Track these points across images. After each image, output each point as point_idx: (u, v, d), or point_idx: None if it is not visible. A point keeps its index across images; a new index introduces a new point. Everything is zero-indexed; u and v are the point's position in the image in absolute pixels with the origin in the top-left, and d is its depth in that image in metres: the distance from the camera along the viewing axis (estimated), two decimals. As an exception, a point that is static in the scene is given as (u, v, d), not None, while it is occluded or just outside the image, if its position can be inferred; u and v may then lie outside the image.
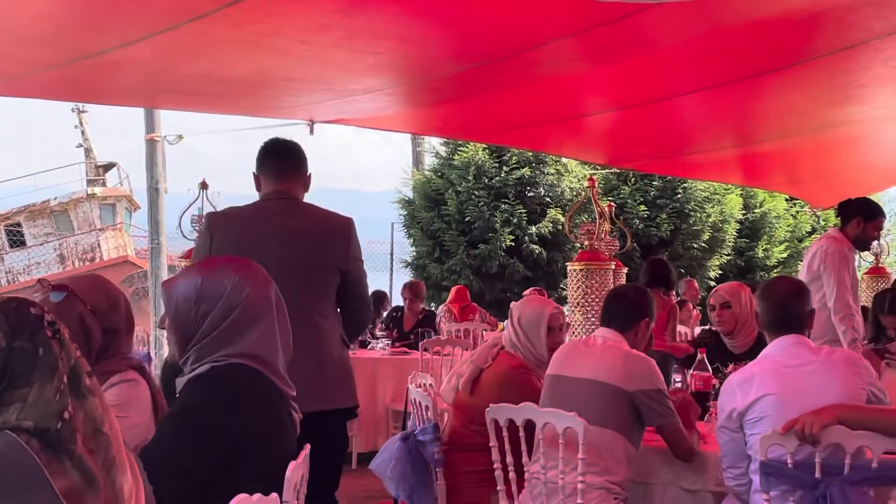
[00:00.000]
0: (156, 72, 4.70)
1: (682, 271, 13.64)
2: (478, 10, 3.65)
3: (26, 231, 25.04)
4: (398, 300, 9.42)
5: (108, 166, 27.16)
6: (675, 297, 8.39)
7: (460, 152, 14.57)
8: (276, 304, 2.33)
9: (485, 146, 14.10)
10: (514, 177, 14.25)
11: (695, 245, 14.60)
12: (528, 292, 8.85)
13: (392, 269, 17.10)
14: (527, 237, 14.11)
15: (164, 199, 15.08)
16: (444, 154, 15.30)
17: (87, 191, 25.30)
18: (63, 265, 24.43)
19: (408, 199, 15.59)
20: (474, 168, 14.32)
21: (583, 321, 5.46)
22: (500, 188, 14.28)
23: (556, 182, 14.57)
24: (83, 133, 26.16)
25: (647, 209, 14.31)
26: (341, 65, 4.49)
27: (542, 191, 14.56)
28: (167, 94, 5.60)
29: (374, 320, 9.02)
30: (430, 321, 8.61)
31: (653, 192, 14.49)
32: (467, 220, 14.21)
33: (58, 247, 24.98)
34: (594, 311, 5.34)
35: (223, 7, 3.31)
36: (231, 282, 2.27)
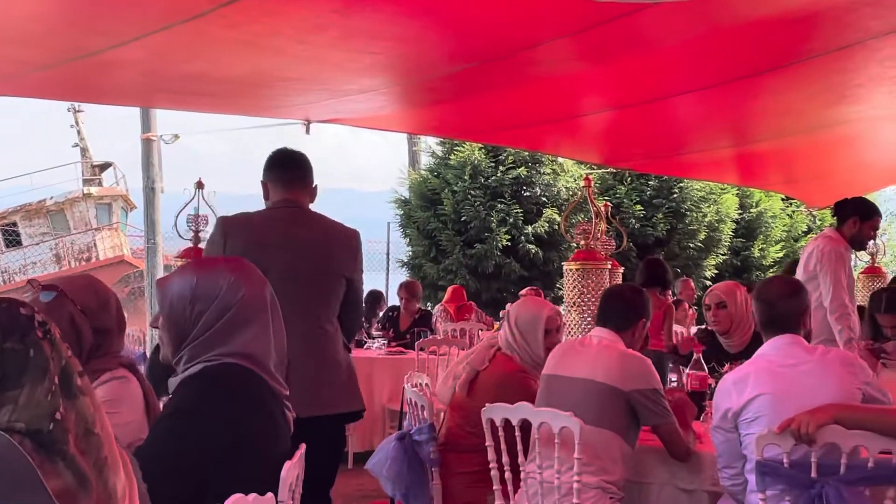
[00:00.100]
0: (151, 71, 4.69)
1: (679, 271, 13.65)
2: (474, 10, 3.65)
3: (22, 231, 25.00)
4: (394, 300, 9.42)
5: (105, 166, 27.14)
6: (672, 296, 8.40)
7: (456, 152, 14.55)
8: (270, 305, 2.32)
9: (481, 146, 14.08)
10: (510, 176, 14.24)
11: (691, 245, 14.61)
12: (524, 292, 8.85)
13: (388, 269, 17.12)
14: (523, 237, 14.10)
15: (161, 198, 15.08)
16: (440, 154, 15.28)
17: (84, 190, 25.27)
18: (59, 265, 24.39)
19: (404, 198, 15.57)
20: (470, 168, 14.31)
21: (579, 321, 5.45)
22: (497, 188, 14.26)
23: (552, 182, 14.56)
24: (79, 132, 26.12)
25: (643, 209, 14.31)
26: (337, 65, 4.48)
27: (538, 190, 14.55)
28: (163, 93, 5.59)
29: (371, 320, 9.02)
30: (426, 321, 8.60)
31: (649, 192, 14.49)
32: (463, 219, 14.20)
33: (54, 246, 24.94)
34: (590, 311, 5.33)
35: (218, 7, 3.31)
36: (227, 282, 2.27)
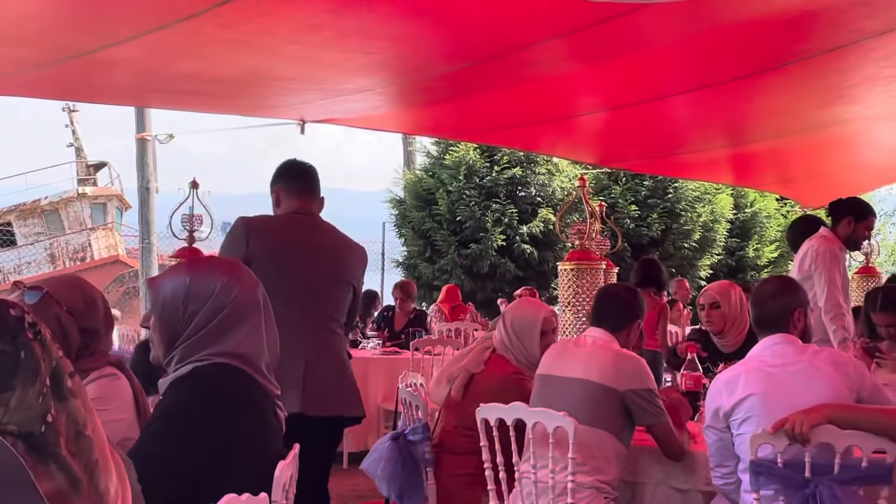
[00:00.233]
0: (146, 71, 4.69)
1: (673, 271, 13.67)
2: (469, 10, 3.65)
3: (17, 230, 24.91)
4: (389, 300, 9.42)
5: (99, 165, 27.07)
6: (666, 296, 8.41)
7: (451, 152, 14.56)
8: (263, 306, 2.32)
9: (476, 146, 14.10)
10: (505, 176, 14.25)
11: (685, 245, 14.63)
12: (519, 292, 8.86)
13: (383, 269, 17.12)
14: (518, 237, 14.11)
15: (155, 198, 15.07)
16: (435, 154, 15.29)
17: (78, 190, 25.20)
18: (54, 265, 24.31)
19: (399, 198, 15.57)
20: (465, 168, 14.31)
21: (573, 321, 5.45)
22: (492, 188, 14.27)
23: (547, 182, 14.58)
24: (74, 132, 26.03)
25: (637, 209, 14.33)
26: (332, 64, 4.48)
27: (533, 190, 14.56)
28: (158, 93, 5.59)
29: (366, 320, 9.01)
30: (420, 321, 8.61)
31: (644, 192, 14.51)
32: (458, 219, 14.20)
33: (48, 246, 24.85)
34: (585, 311, 5.33)
35: (213, 7, 3.30)
36: (220, 282, 2.26)
